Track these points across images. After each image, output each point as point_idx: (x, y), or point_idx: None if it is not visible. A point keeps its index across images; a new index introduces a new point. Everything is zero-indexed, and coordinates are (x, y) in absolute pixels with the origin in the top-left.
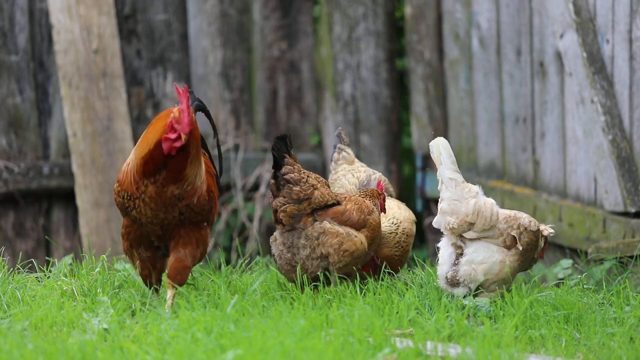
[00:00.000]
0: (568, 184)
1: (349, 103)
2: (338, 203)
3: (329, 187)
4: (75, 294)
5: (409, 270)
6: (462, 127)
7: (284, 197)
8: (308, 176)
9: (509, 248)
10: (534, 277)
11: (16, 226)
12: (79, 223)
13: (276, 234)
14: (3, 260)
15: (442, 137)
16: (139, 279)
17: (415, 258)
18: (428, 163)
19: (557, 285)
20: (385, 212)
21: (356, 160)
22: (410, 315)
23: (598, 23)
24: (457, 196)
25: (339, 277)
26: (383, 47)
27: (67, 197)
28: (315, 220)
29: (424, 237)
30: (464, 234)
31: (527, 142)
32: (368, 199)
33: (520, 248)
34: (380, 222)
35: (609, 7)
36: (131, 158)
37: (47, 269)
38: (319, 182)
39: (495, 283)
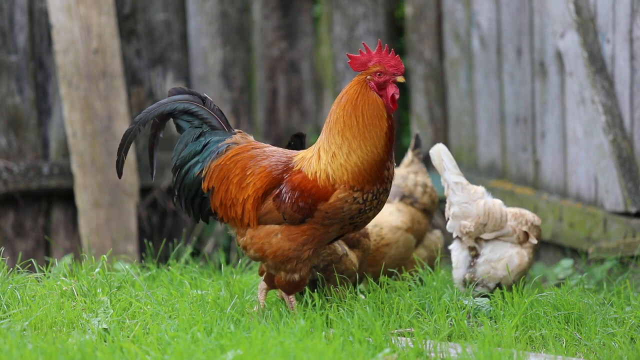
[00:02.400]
0: (568, 184)
1: None
2: None
3: None
4: (75, 294)
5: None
6: (462, 127)
7: None
8: None
9: (522, 244)
10: (534, 277)
11: (16, 226)
12: (78, 223)
13: None
14: (3, 260)
15: (440, 143)
16: (287, 293)
17: (416, 258)
18: (429, 163)
19: (558, 285)
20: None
21: (412, 164)
22: (410, 315)
23: (599, 23)
24: (466, 199)
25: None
26: None
27: (66, 197)
28: None
29: None
30: (481, 236)
31: (527, 142)
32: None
33: (535, 242)
34: (369, 245)
35: (609, 6)
36: (331, 153)
37: (46, 269)
38: None
39: (518, 274)
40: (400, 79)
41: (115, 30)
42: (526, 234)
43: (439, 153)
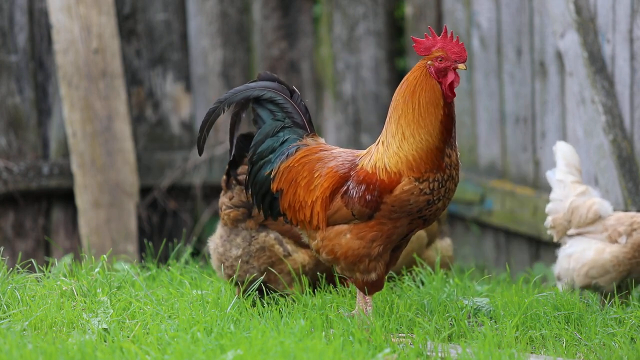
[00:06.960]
0: None
1: (349, 103)
2: None
3: None
4: (75, 294)
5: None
6: (462, 127)
7: (230, 198)
8: None
9: (615, 243)
10: (534, 277)
11: (16, 226)
12: (78, 223)
13: (218, 229)
14: (3, 260)
15: (562, 142)
16: (367, 295)
17: (417, 258)
18: None
19: None
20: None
21: None
22: (410, 315)
23: (599, 23)
24: (562, 196)
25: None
26: (383, 47)
27: (66, 197)
28: (262, 226)
29: None
30: (567, 232)
31: (527, 142)
32: None
33: (623, 241)
34: None
35: (609, 6)
36: (395, 138)
37: (46, 269)
38: None
39: (594, 269)
40: (462, 66)
41: (115, 30)
42: (619, 234)
43: (557, 151)
